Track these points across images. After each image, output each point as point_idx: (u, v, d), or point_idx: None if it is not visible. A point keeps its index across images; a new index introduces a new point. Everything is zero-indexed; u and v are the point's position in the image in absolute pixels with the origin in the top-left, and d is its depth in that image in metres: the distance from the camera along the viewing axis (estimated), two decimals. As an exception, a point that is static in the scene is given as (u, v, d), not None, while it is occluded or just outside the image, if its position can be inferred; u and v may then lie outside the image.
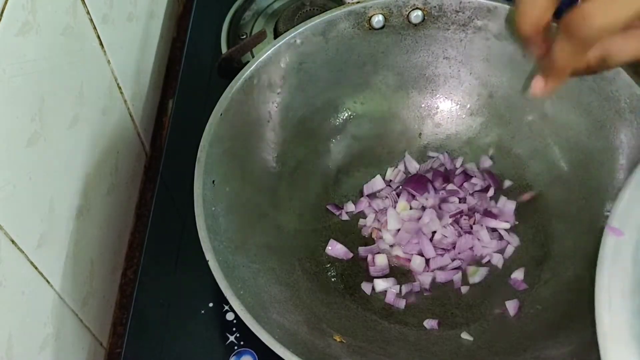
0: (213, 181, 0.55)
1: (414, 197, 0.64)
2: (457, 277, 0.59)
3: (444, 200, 0.63)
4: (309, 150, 0.65)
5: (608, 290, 0.43)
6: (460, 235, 0.61)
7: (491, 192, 0.64)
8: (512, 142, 0.65)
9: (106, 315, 0.66)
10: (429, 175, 0.65)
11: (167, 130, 0.76)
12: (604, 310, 0.42)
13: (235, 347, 0.57)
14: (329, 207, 0.64)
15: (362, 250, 0.62)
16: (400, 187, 0.65)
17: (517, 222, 0.62)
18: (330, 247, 0.62)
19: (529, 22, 0.47)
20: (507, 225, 0.62)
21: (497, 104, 0.65)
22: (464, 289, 0.59)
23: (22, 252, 0.49)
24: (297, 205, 0.63)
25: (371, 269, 0.60)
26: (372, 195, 0.65)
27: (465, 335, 0.55)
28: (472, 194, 0.64)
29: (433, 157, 0.67)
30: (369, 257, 0.61)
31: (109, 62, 0.66)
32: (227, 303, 0.53)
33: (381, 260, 0.61)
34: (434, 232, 0.61)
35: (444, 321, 0.57)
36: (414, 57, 0.66)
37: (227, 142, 0.57)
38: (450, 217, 0.62)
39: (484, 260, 0.60)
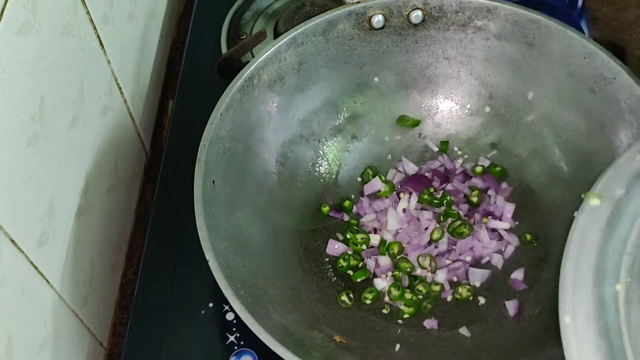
0: (213, 181, 0.55)
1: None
2: (461, 271, 0.60)
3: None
4: (309, 150, 0.65)
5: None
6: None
7: (491, 193, 0.64)
8: (512, 142, 0.65)
9: (106, 315, 0.66)
10: (429, 175, 0.65)
11: (167, 130, 0.76)
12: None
13: (235, 347, 0.57)
14: (331, 214, 0.64)
15: (363, 253, 0.62)
16: (401, 186, 0.65)
17: (517, 222, 0.62)
18: (330, 247, 0.62)
19: None
20: (507, 226, 0.62)
21: (497, 104, 0.65)
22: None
23: (22, 252, 0.49)
24: (297, 205, 0.63)
25: (376, 270, 0.60)
26: (373, 196, 0.65)
27: (463, 331, 0.55)
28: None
29: (433, 158, 0.67)
30: (372, 259, 0.61)
31: (109, 62, 0.66)
32: (227, 303, 0.53)
33: (385, 261, 0.61)
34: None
35: (443, 321, 0.57)
36: (414, 57, 0.66)
37: (227, 142, 0.57)
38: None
39: (484, 261, 0.60)
